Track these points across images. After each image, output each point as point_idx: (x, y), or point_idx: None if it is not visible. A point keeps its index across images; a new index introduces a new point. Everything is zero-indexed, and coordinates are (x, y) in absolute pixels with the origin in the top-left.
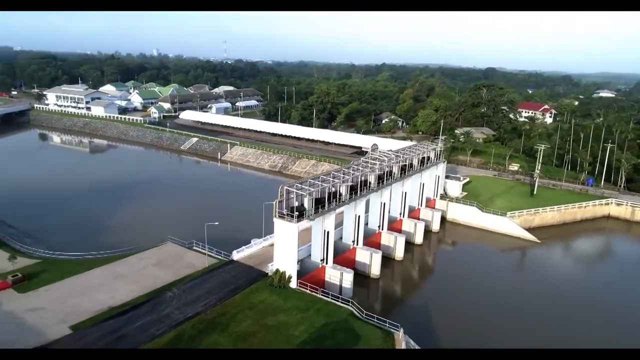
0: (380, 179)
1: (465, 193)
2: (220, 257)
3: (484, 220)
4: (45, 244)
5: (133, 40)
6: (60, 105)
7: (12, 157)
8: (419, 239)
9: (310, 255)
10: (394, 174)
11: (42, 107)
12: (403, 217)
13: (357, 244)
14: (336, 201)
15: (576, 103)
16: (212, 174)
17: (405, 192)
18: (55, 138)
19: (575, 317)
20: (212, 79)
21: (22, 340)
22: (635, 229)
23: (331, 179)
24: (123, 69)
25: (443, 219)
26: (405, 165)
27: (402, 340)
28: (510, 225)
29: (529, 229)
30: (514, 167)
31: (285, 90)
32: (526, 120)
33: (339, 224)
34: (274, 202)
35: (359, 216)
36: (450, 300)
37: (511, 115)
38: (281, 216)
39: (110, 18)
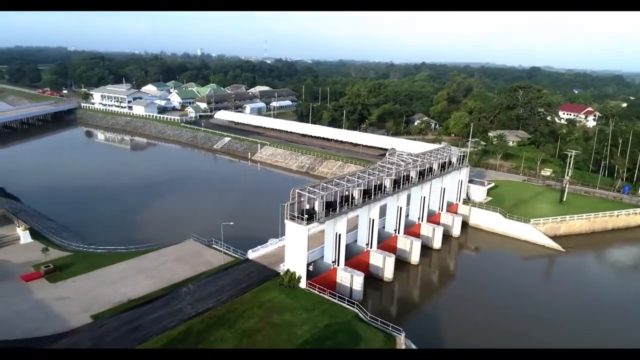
0: (396, 183)
1: (490, 198)
2: (236, 256)
3: (507, 227)
4: (79, 237)
5: (180, 41)
6: (105, 104)
7: (60, 154)
8: (437, 243)
9: (322, 256)
10: (412, 178)
11: (88, 106)
12: (421, 221)
13: (370, 247)
14: (348, 205)
15: (624, 105)
16: (241, 173)
17: (424, 197)
18: (100, 135)
19: (597, 330)
20: (249, 78)
21: (46, 327)
22: None
23: (345, 183)
24: (165, 69)
25: (465, 224)
26: (424, 169)
27: (402, 344)
28: (533, 232)
29: (555, 237)
30: (546, 172)
31: (319, 90)
32: (565, 123)
33: (354, 227)
34: (286, 205)
35: (373, 220)
36: (461, 306)
37: (548, 118)
38: (292, 218)
39: (158, 19)
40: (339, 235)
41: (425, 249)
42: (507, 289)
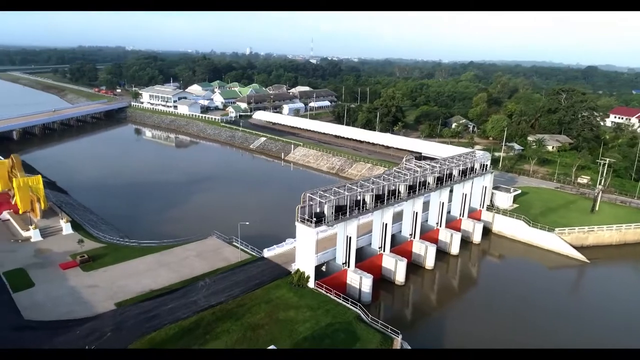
0: (411, 189)
1: (516, 205)
2: (253, 254)
3: (530, 235)
4: (115, 230)
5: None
6: (153, 104)
7: (109, 150)
8: (454, 249)
9: (335, 258)
10: (428, 184)
11: (138, 105)
12: (440, 226)
13: (383, 251)
14: (358, 209)
15: None
16: (273, 173)
17: (442, 202)
18: (147, 133)
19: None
20: (291, 78)
21: (76, 312)
22: None
23: (357, 188)
24: (212, 69)
25: (488, 231)
26: (442, 176)
27: (398, 346)
28: (557, 241)
29: (581, 247)
30: (584, 179)
31: (359, 90)
32: (613, 127)
33: (369, 230)
34: (297, 207)
35: (386, 224)
36: (469, 313)
37: (593, 122)
38: (302, 221)
39: (211, 19)
40: (349, 238)
41: (443, 254)
42: (520, 298)
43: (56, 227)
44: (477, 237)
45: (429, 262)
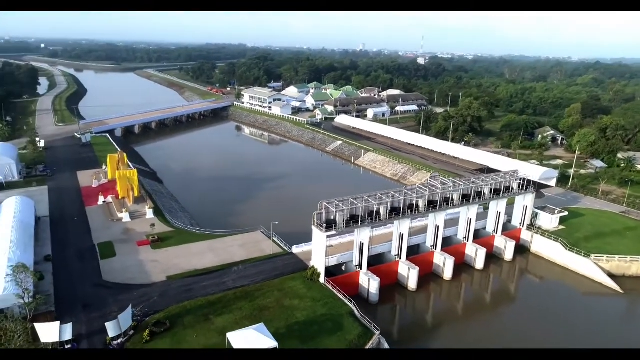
0: (431, 204)
1: (562, 227)
2: (285, 249)
3: (566, 259)
4: (189, 218)
5: (344, 37)
6: (252, 104)
7: (209, 145)
8: (479, 264)
9: (352, 260)
10: (452, 201)
11: (239, 104)
12: (467, 241)
13: (399, 258)
14: (371, 219)
15: None
16: (342, 175)
17: (470, 219)
18: (246, 130)
19: None
20: (387, 80)
21: (137, 279)
22: None
23: (371, 200)
24: (313, 70)
25: (526, 250)
26: (469, 194)
27: (375, 340)
28: (592, 267)
29: (622, 277)
30: None
31: (450, 95)
32: None
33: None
34: (314, 214)
35: (402, 234)
36: (466, 324)
37: None
38: (316, 225)
39: (324, 17)
40: (362, 243)
41: (467, 267)
42: (530, 320)
43: (142, 212)
44: (508, 255)
45: (447, 274)
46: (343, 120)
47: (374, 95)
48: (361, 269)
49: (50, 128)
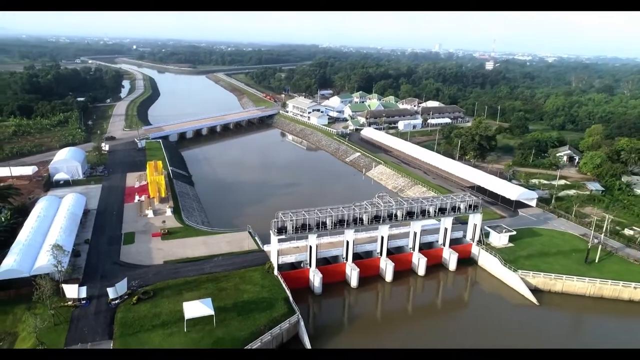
0: (376, 218)
1: (510, 245)
2: (260, 246)
3: (501, 272)
4: (203, 217)
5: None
6: (294, 113)
7: (248, 151)
8: (421, 271)
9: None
10: (396, 216)
11: (284, 113)
12: (413, 251)
13: (346, 261)
14: (318, 228)
15: None
16: (352, 186)
17: (416, 232)
18: (288, 137)
19: None
20: (433, 90)
21: (142, 261)
22: None
23: (318, 213)
24: (365, 77)
25: (474, 263)
26: (413, 212)
27: (294, 318)
28: (516, 281)
29: (547, 292)
30: (631, 231)
31: (498, 107)
32: None
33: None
34: (272, 221)
35: (348, 242)
36: (386, 319)
37: None
38: (271, 231)
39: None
40: (310, 247)
41: (411, 272)
42: (452, 319)
43: (163, 210)
44: (452, 266)
45: (388, 277)
46: (367, 132)
47: (414, 106)
48: (310, 267)
49: (118, 133)
